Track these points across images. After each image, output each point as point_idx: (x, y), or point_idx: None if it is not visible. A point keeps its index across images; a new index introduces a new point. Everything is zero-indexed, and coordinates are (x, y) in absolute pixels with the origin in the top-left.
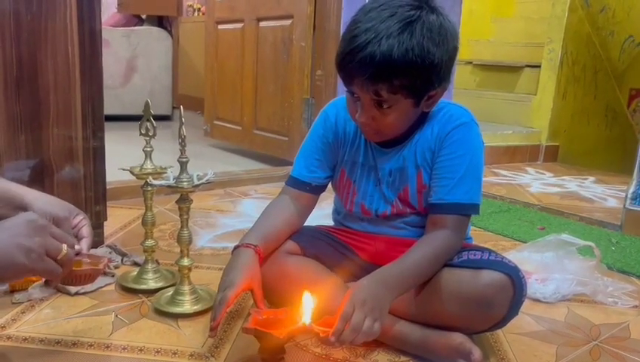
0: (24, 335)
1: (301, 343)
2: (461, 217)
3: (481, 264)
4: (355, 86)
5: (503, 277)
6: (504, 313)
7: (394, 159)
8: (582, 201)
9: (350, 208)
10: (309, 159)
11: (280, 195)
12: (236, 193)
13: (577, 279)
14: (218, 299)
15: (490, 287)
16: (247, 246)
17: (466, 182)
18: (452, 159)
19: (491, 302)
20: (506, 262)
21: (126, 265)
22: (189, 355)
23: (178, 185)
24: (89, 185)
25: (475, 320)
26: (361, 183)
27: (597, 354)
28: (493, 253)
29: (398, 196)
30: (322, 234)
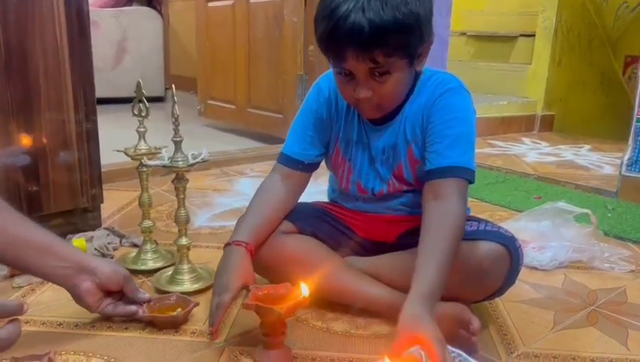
0: (26, 319)
1: (301, 317)
2: (460, 180)
3: (478, 235)
4: (348, 60)
5: (499, 247)
6: (501, 282)
7: (386, 136)
8: (578, 169)
9: (346, 187)
10: (302, 135)
11: (271, 174)
12: (232, 172)
13: (574, 246)
14: (215, 304)
15: (486, 258)
16: (238, 244)
17: (458, 145)
18: (442, 123)
19: (488, 273)
20: (502, 232)
21: (125, 247)
22: (190, 333)
23: (173, 165)
24: (84, 169)
25: (473, 291)
26: (357, 161)
27: (594, 319)
28: (490, 224)
29: (393, 173)
30: (318, 212)
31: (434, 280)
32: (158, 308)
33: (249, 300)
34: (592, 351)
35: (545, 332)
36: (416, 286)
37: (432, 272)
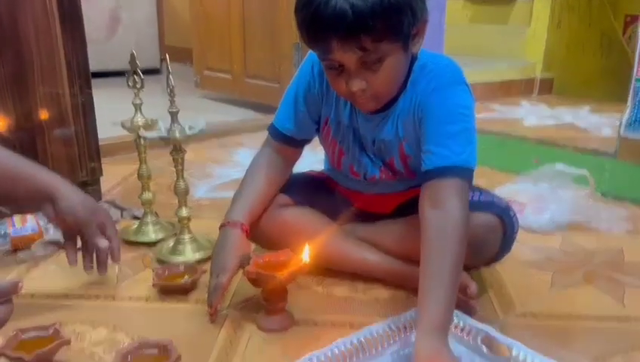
0: (31, 292)
1: (302, 283)
2: (458, 181)
3: (472, 206)
4: (335, 51)
5: (492, 218)
6: (496, 251)
7: (377, 129)
8: (577, 132)
9: (338, 167)
10: (294, 110)
11: (263, 149)
12: (231, 143)
13: (572, 208)
14: (212, 285)
15: (480, 229)
16: (234, 224)
17: (455, 142)
18: (436, 120)
19: (482, 243)
20: (496, 202)
21: (126, 220)
22: (194, 301)
23: (170, 136)
24: (81, 142)
25: (467, 259)
26: (349, 146)
27: (592, 278)
28: (484, 193)
29: (384, 163)
30: (314, 182)
31: (444, 306)
32: (167, 275)
33: (250, 268)
34: (589, 310)
35: (542, 293)
36: (426, 314)
37: (441, 296)
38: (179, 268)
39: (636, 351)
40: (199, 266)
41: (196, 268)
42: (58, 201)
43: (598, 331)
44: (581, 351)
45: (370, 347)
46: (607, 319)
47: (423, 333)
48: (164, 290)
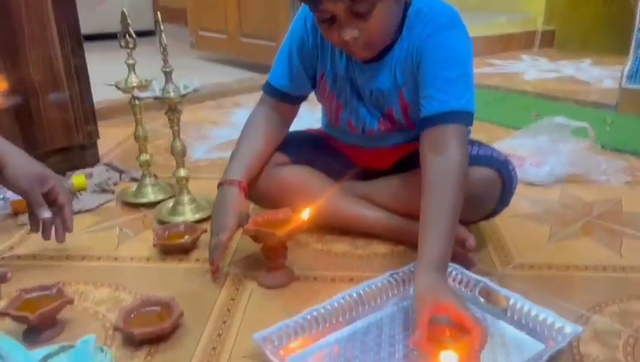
0: (33, 254)
1: (302, 240)
2: (459, 126)
3: (470, 160)
4: (324, 1)
5: (491, 172)
6: (494, 205)
7: (374, 79)
8: (578, 85)
9: (336, 122)
10: (288, 66)
11: (259, 106)
12: (228, 104)
13: (571, 160)
14: (213, 244)
15: (478, 183)
16: (231, 183)
17: (455, 87)
18: (435, 64)
19: (481, 197)
20: (495, 156)
21: (124, 182)
22: (195, 260)
23: (165, 96)
24: (77, 105)
25: (467, 214)
26: (346, 99)
27: (590, 229)
28: (483, 147)
29: (383, 114)
30: (311, 140)
31: (443, 244)
32: (168, 235)
33: (249, 226)
34: (587, 260)
35: (540, 244)
36: (426, 253)
37: (441, 236)
38: (179, 227)
39: (632, 299)
40: (199, 226)
41: (196, 227)
42: (4, 169)
43: (595, 281)
44: (578, 300)
45: (369, 300)
46: (604, 269)
47: (422, 270)
48: (164, 250)
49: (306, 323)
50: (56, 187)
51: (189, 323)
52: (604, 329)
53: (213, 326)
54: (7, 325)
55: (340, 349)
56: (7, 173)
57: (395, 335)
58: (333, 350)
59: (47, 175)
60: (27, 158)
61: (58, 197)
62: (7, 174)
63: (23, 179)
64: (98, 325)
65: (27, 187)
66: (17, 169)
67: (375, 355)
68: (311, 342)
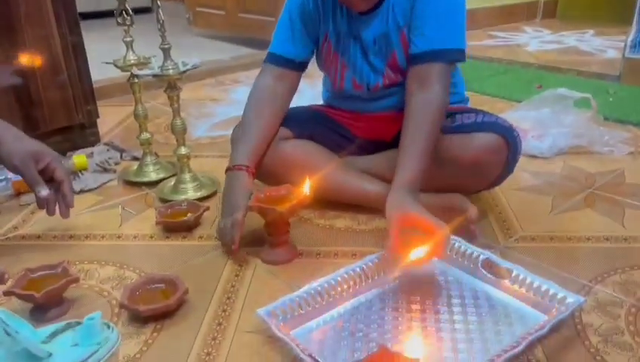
0: (37, 233)
1: (305, 216)
2: (445, 65)
3: (475, 127)
4: None
5: (496, 138)
6: (499, 172)
7: (374, 25)
8: (581, 55)
9: (341, 85)
10: (290, 31)
11: (262, 76)
12: (227, 81)
13: (574, 132)
14: (229, 224)
15: (483, 149)
16: (239, 168)
17: (446, 25)
18: (428, 4)
19: (486, 164)
20: (499, 122)
21: (126, 161)
22: (198, 237)
23: (164, 73)
24: (75, 84)
25: (472, 182)
26: (350, 56)
27: (592, 201)
28: (488, 114)
29: (387, 64)
30: (313, 115)
31: (415, 168)
32: (170, 213)
33: (251, 202)
34: (589, 231)
35: (543, 217)
36: (398, 176)
37: (413, 162)
38: (181, 205)
39: (635, 269)
40: (201, 203)
41: (198, 205)
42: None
43: (597, 252)
44: (580, 271)
45: (372, 274)
46: (606, 240)
47: (394, 190)
48: (167, 228)
49: (309, 297)
50: (52, 163)
51: (193, 300)
52: (606, 299)
53: (218, 302)
54: (14, 304)
55: (343, 323)
56: (1, 152)
57: (398, 308)
58: (337, 324)
59: (42, 152)
60: (21, 136)
61: (55, 173)
62: (1, 152)
63: (17, 156)
64: (104, 303)
65: (21, 165)
66: (11, 147)
67: (379, 328)
68: (315, 316)
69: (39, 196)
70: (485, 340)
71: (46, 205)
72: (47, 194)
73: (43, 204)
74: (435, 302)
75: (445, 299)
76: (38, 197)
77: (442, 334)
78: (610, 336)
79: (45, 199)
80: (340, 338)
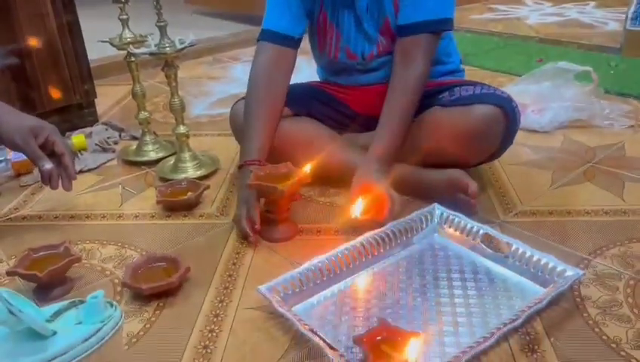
0: (38, 214)
1: (306, 194)
2: (432, 36)
3: (473, 99)
4: None
5: (494, 109)
6: (498, 144)
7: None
8: (582, 28)
9: (335, 55)
10: (286, 6)
11: (260, 58)
12: (225, 58)
13: (574, 105)
14: (246, 209)
15: (482, 120)
16: (251, 163)
17: None
18: None
19: (484, 135)
20: (497, 93)
21: (125, 140)
22: (199, 216)
23: (161, 51)
24: (72, 63)
25: (471, 154)
26: (344, 26)
27: (592, 175)
28: (485, 86)
29: (380, 31)
30: (311, 91)
31: (388, 143)
32: (171, 192)
33: (251, 181)
34: (588, 205)
35: (542, 191)
36: (371, 148)
37: (388, 137)
38: (181, 184)
39: (633, 242)
40: (202, 182)
41: (199, 183)
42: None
43: (596, 225)
44: (579, 245)
45: (372, 250)
46: (605, 213)
47: (365, 160)
48: (168, 207)
49: (310, 273)
50: (51, 136)
51: (195, 278)
52: (604, 272)
53: (220, 280)
54: (17, 284)
55: (344, 298)
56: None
57: (398, 284)
58: (338, 299)
59: (40, 126)
60: (18, 113)
61: (54, 146)
62: (1, 131)
63: (16, 134)
64: (106, 282)
65: (21, 142)
66: (9, 125)
67: (379, 303)
68: (315, 292)
69: (43, 170)
70: (485, 314)
71: (49, 179)
72: (51, 168)
73: (47, 179)
74: (434, 276)
75: (445, 273)
76: (41, 171)
77: (442, 308)
78: (609, 308)
79: (49, 172)
80: (340, 314)
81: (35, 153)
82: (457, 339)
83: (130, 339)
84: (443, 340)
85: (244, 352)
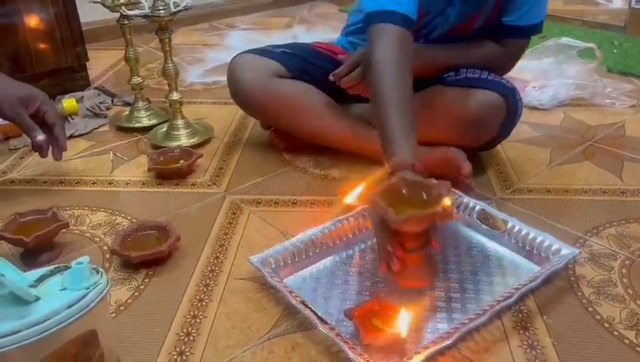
0: (27, 178)
1: (300, 166)
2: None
3: (478, 83)
4: None
5: (497, 97)
6: (495, 132)
7: None
8: (586, 5)
9: None
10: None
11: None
12: (222, 25)
13: (576, 83)
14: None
15: (482, 107)
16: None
17: (540, 2)
18: None
19: (482, 121)
20: (503, 82)
21: (117, 106)
22: (191, 185)
23: (155, 14)
24: (63, 25)
25: (465, 139)
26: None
27: (591, 153)
28: (493, 74)
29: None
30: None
31: None
32: (163, 160)
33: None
34: (586, 184)
35: (540, 169)
36: None
37: None
38: (174, 152)
39: (630, 222)
40: (195, 150)
41: (192, 152)
42: None
43: (593, 204)
44: (576, 224)
45: (366, 224)
46: (603, 193)
47: None
48: (160, 175)
49: (303, 245)
50: (42, 106)
51: (186, 247)
52: (600, 251)
53: (211, 250)
54: (5, 249)
55: (337, 272)
56: None
57: None
58: (330, 272)
59: (31, 95)
60: (8, 81)
61: (46, 116)
62: None
63: (7, 105)
64: (95, 248)
65: (12, 113)
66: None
67: (372, 276)
68: (307, 264)
69: (36, 141)
70: (478, 291)
71: (39, 148)
72: (43, 139)
73: (37, 148)
74: None
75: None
76: (34, 142)
77: (435, 284)
78: (603, 288)
79: (40, 143)
80: (332, 287)
81: (27, 124)
82: (450, 315)
83: (118, 307)
84: (435, 316)
85: (235, 322)
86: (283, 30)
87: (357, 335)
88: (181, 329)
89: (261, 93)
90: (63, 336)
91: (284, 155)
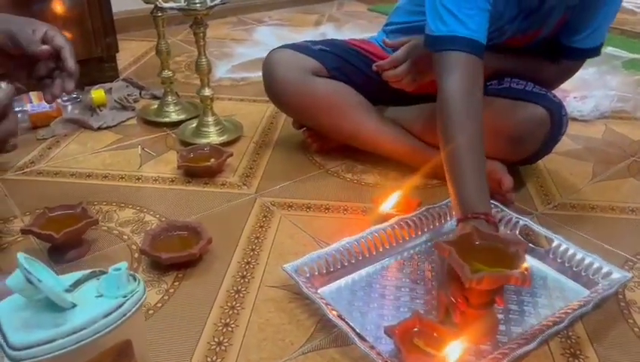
0: (55, 170)
1: (332, 170)
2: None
3: (523, 95)
4: None
5: (543, 111)
6: (537, 147)
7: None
8: (623, 14)
9: None
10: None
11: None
12: (250, 20)
13: (619, 95)
14: None
15: (528, 122)
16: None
17: (605, 25)
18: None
19: (525, 135)
20: (550, 96)
21: (145, 99)
22: (220, 184)
23: (191, 8)
24: (95, 15)
25: (505, 153)
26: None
27: (635, 170)
28: (537, 86)
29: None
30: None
31: None
32: (193, 157)
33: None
34: (632, 202)
35: (583, 184)
36: None
37: None
38: (204, 149)
39: None
40: (225, 149)
41: (222, 150)
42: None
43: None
44: (622, 244)
45: (403, 234)
46: None
47: None
48: (189, 172)
49: (338, 255)
50: (49, 31)
51: (216, 250)
52: None
53: (242, 254)
54: (32, 243)
55: (373, 284)
56: None
57: (430, 273)
58: (367, 285)
59: (37, 22)
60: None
61: (54, 40)
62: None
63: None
64: (123, 246)
65: (16, 29)
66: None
67: (410, 292)
68: (343, 275)
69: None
70: (523, 312)
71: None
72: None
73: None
74: None
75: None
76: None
77: None
78: None
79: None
80: (369, 300)
81: (29, 38)
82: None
83: (147, 311)
84: None
85: (267, 333)
86: (313, 27)
87: (397, 355)
88: (212, 338)
89: (298, 91)
90: (98, 346)
91: (315, 158)
